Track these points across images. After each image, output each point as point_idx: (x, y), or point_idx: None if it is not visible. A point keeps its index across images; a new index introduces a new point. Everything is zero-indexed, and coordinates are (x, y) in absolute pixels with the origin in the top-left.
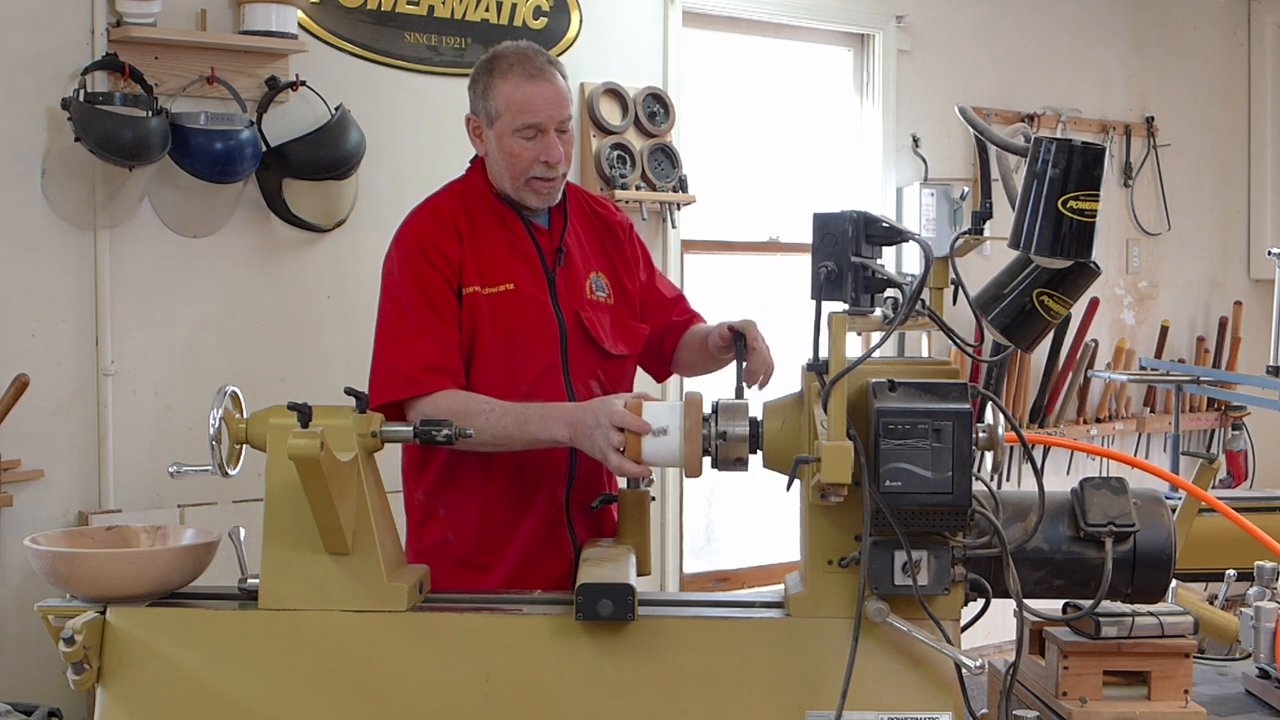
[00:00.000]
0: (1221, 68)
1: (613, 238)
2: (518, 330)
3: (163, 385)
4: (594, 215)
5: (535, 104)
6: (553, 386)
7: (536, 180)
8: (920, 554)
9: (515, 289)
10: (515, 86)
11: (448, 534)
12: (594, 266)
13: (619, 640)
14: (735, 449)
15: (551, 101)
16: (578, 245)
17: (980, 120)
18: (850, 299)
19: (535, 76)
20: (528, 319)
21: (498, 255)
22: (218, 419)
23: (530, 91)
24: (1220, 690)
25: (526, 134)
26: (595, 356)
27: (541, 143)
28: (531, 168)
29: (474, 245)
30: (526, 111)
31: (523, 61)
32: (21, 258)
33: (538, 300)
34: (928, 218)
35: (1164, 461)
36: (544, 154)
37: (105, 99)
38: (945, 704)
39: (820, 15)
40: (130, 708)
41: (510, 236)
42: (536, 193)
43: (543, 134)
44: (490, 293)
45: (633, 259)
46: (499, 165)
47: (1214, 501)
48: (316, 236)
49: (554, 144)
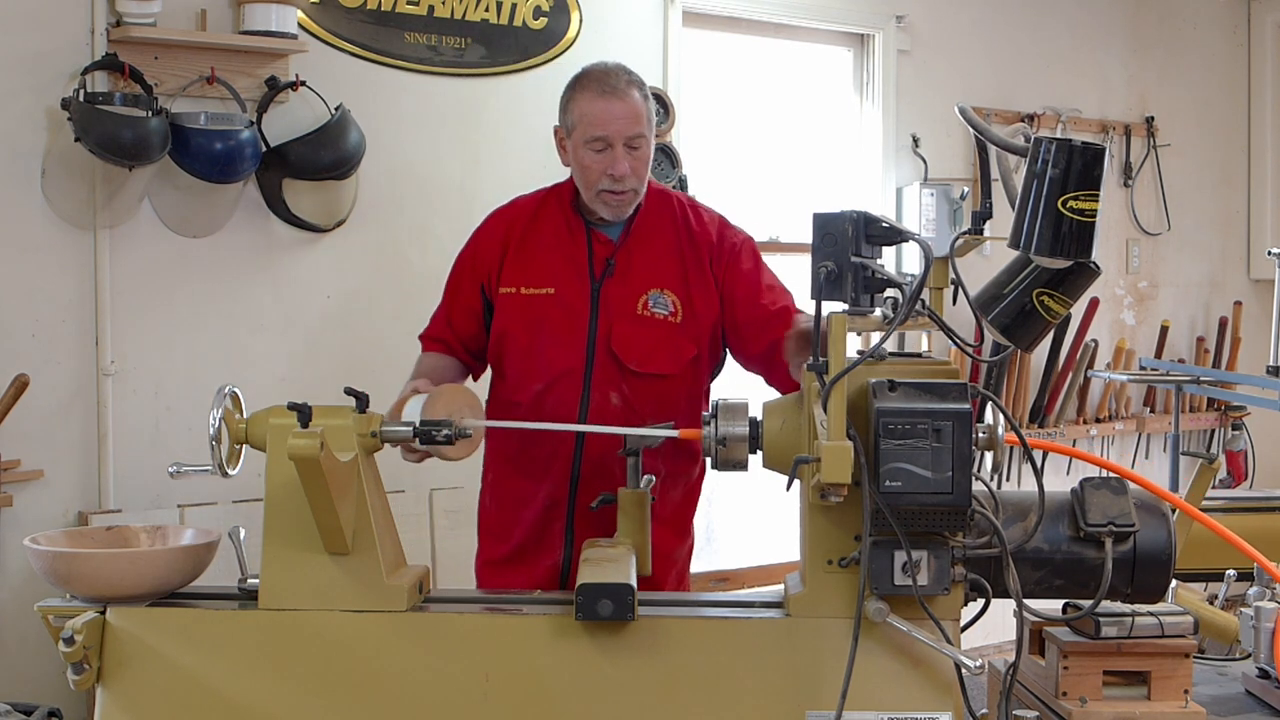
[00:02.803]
0: (1221, 68)
1: (696, 256)
2: (545, 332)
3: (163, 385)
4: (684, 228)
5: (604, 118)
6: (569, 391)
7: (606, 193)
8: (920, 554)
9: (555, 294)
10: (590, 101)
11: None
12: (661, 283)
13: (619, 640)
14: (735, 449)
15: (620, 117)
16: (645, 259)
17: (980, 120)
18: (850, 299)
19: (609, 93)
20: (557, 323)
21: (548, 260)
22: (218, 419)
23: (602, 106)
24: (1220, 690)
25: (595, 146)
26: (619, 371)
27: (609, 156)
28: (600, 180)
29: (523, 248)
30: (596, 125)
31: (602, 78)
32: (21, 258)
33: (573, 308)
34: (928, 218)
35: (1164, 461)
36: (610, 167)
37: (105, 99)
38: (945, 704)
39: (820, 15)
40: (130, 708)
41: (569, 244)
42: (606, 204)
43: (610, 148)
44: (530, 293)
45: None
46: (576, 176)
47: (1194, 512)
48: (316, 236)
49: (619, 158)
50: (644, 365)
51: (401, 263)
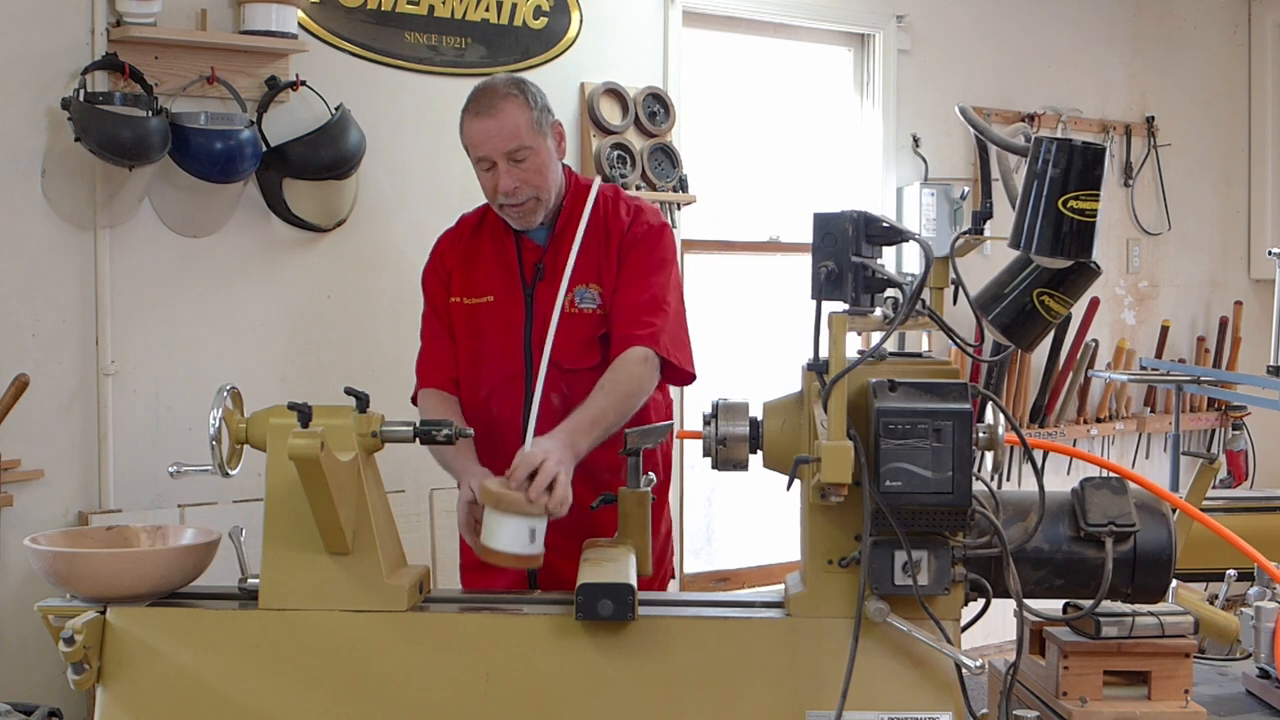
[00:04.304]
0: (1221, 68)
1: (607, 244)
2: (486, 340)
3: (163, 385)
4: (602, 222)
5: (480, 138)
6: (512, 396)
7: (505, 207)
8: (920, 554)
9: (494, 301)
10: (469, 123)
11: None
12: (585, 278)
13: (619, 640)
14: (735, 450)
15: (494, 135)
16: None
17: (980, 120)
18: (850, 299)
19: (483, 113)
20: (497, 330)
21: (487, 269)
22: (218, 419)
23: (478, 127)
24: (1220, 690)
25: (483, 166)
26: (557, 371)
27: (494, 174)
28: (495, 196)
29: (466, 259)
30: (476, 146)
31: (479, 98)
32: (21, 258)
33: (510, 314)
34: (928, 218)
35: (1164, 461)
36: (498, 184)
37: (105, 99)
38: (945, 704)
39: (820, 15)
40: (130, 708)
41: (500, 251)
42: (510, 217)
43: (494, 166)
44: (471, 303)
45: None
46: None
47: (1194, 512)
48: (316, 236)
49: (503, 174)
50: (577, 362)
51: (401, 263)
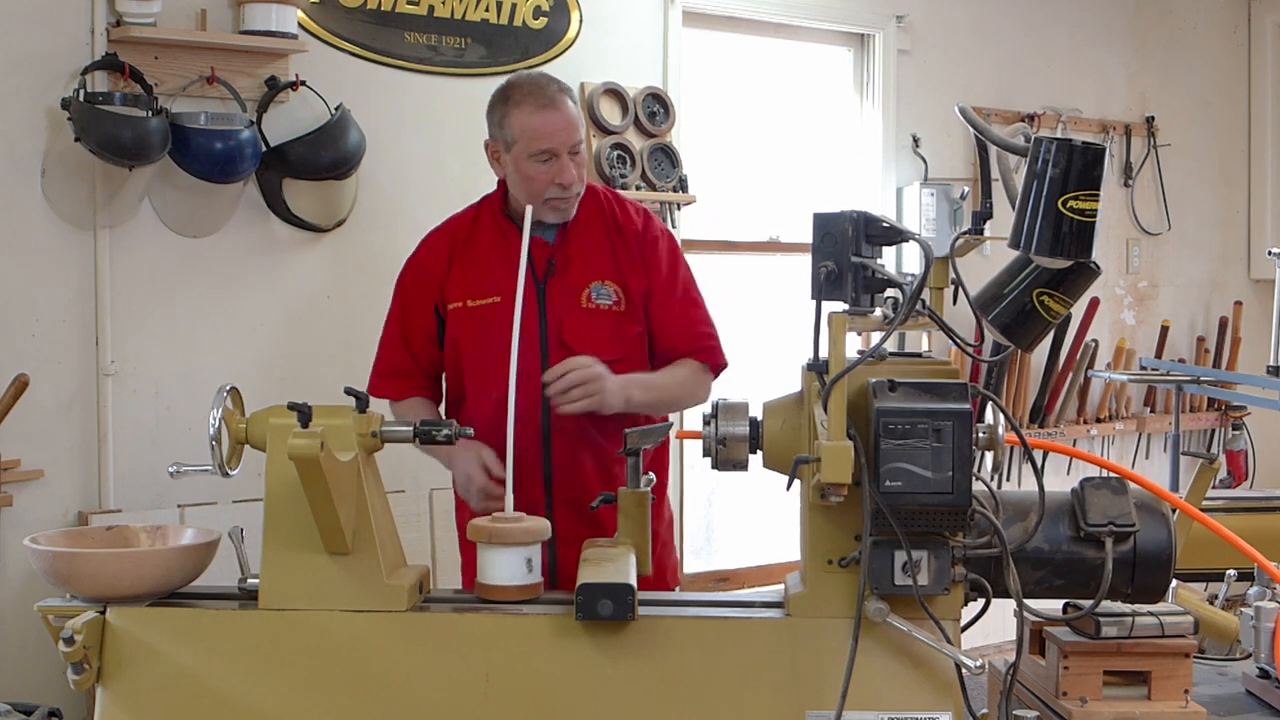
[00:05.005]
0: (1221, 68)
1: (625, 244)
2: (497, 340)
3: (163, 385)
4: (612, 221)
5: (548, 131)
6: (530, 391)
7: (553, 200)
8: (920, 554)
9: (502, 301)
10: (530, 115)
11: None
12: (600, 275)
13: (619, 640)
14: (735, 449)
15: (563, 128)
16: (582, 254)
17: (980, 120)
18: (850, 299)
19: (547, 106)
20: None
21: (490, 270)
22: (218, 419)
23: (542, 119)
24: (1220, 690)
25: (541, 158)
26: None
27: (555, 166)
28: (547, 189)
29: (465, 262)
30: (541, 138)
31: (535, 91)
32: (21, 258)
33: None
34: (928, 218)
35: (1164, 461)
36: (558, 176)
37: (105, 99)
38: (945, 704)
39: (820, 15)
40: (130, 708)
41: (506, 251)
42: (554, 210)
43: (556, 158)
44: (476, 305)
45: (649, 261)
46: (517, 187)
47: (1194, 512)
48: (316, 236)
49: (567, 166)
50: (598, 354)
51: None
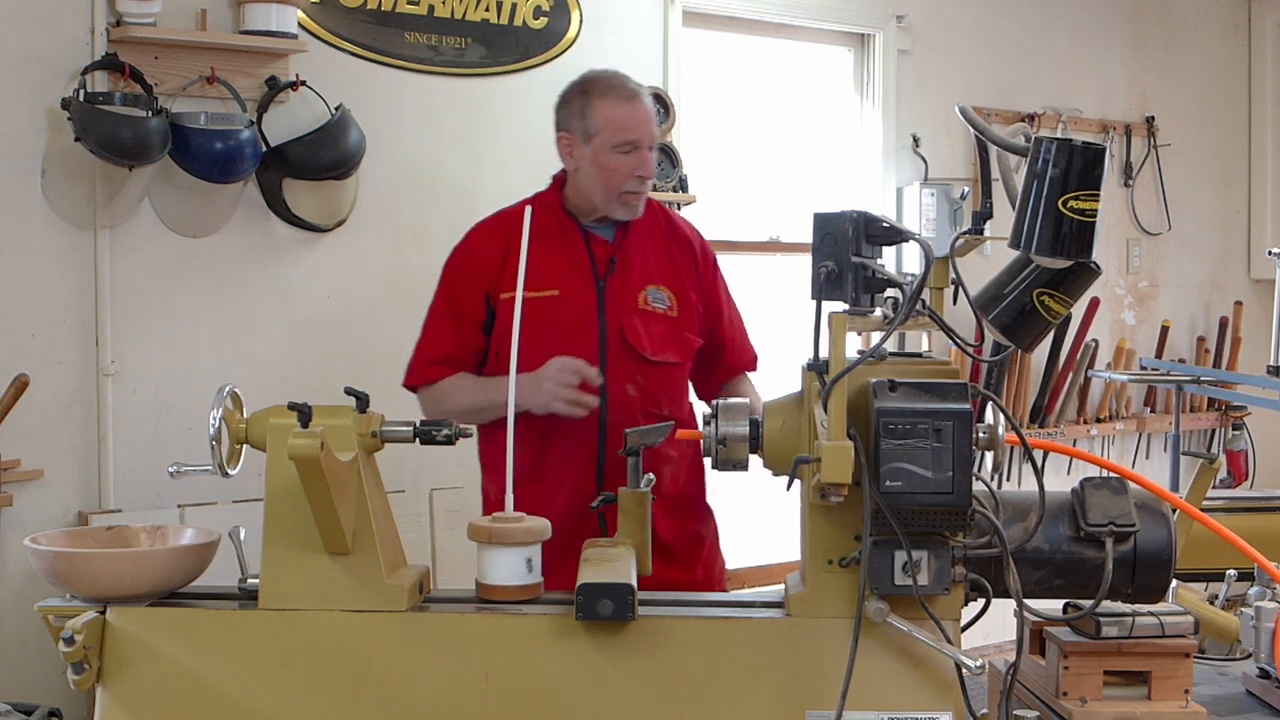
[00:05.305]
0: (1221, 68)
1: (683, 253)
2: (555, 332)
3: (163, 385)
4: (668, 230)
5: (633, 122)
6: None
7: (628, 194)
8: (920, 554)
9: (560, 295)
10: (615, 106)
11: None
12: (656, 279)
13: (619, 640)
14: (735, 449)
15: (646, 120)
16: (640, 257)
17: (980, 120)
18: (850, 299)
19: (632, 98)
20: (567, 322)
21: (549, 263)
22: (218, 419)
23: (628, 110)
24: (1220, 690)
25: (624, 149)
26: (635, 362)
27: (637, 158)
28: (626, 182)
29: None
30: (626, 129)
31: (619, 84)
32: (21, 258)
33: (580, 306)
34: (928, 218)
35: (1164, 461)
36: (638, 169)
37: (105, 99)
38: (945, 704)
39: (820, 15)
40: (130, 708)
41: (566, 246)
42: (626, 205)
43: (637, 150)
44: (534, 296)
45: (706, 279)
46: (592, 179)
47: (1194, 512)
48: (316, 236)
49: (648, 159)
50: (657, 353)
51: (401, 263)
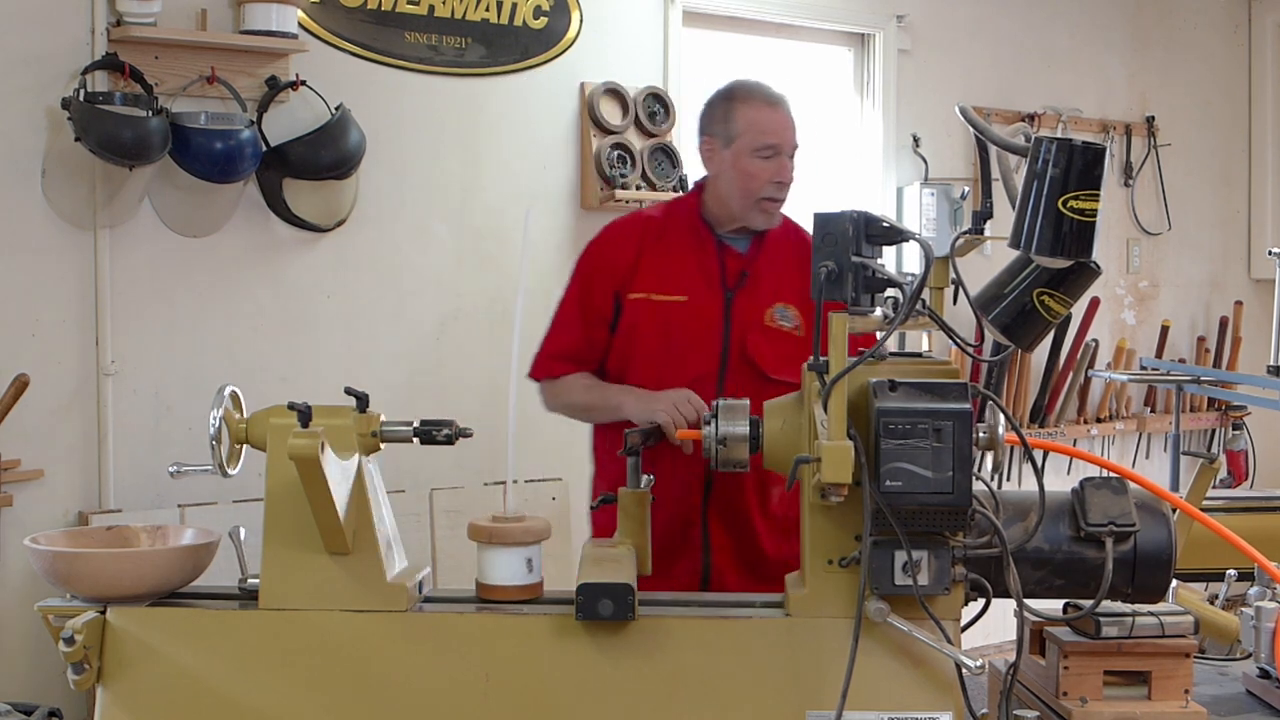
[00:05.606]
0: (1221, 68)
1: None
2: (678, 338)
3: (163, 385)
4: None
5: (776, 127)
6: (705, 395)
7: (766, 201)
8: (920, 554)
9: (688, 301)
10: (758, 110)
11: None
12: (785, 297)
13: (619, 640)
14: (735, 449)
15: (788, 126)
16: (771, 274)
17: (980, 120)
18: (850, 299)
19: (775, 103)
20: (690, 330)
21: (680, 268)
22: (218, 419)
23: (771, 115)
24: (1220, 690)
25: (765, 154)
26: (754, 379)
27: (777, 163)
28: (764, 187)
29: (656, 255)
30: (769, 133)
31: (762, 90)
32: (21, 258)
33: (707, 315)
34: (928, 218)
35: (1164, 461)
36: (778, 174)
37: (105, 99)
38: (945, 704)
39: (820, 15)
40: (130, 708)
41: (700, 254)
42: (764, 212)
43: (778, 155)
44: (661, 300)
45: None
46: (732, 184)
47: (1194, 512)
48: (316, 236)
49: (787, 165)
50: (778, 372)
51: (401, 263)
